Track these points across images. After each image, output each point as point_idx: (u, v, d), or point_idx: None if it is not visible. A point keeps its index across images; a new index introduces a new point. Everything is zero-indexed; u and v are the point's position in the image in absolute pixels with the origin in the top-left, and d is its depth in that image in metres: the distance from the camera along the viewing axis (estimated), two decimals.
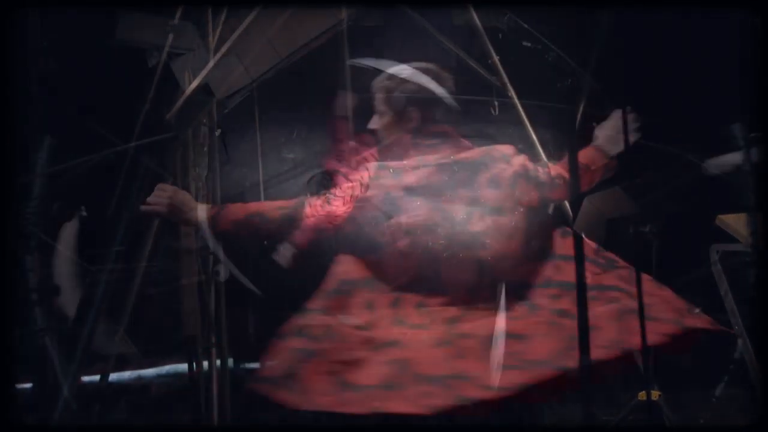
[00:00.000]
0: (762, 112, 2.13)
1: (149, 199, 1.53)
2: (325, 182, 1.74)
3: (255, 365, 1.98)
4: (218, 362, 2.40)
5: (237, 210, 1.49)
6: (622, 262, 1.52)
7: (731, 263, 2.41)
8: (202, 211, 1.48)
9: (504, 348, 1.10)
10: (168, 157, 2.64)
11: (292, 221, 1.44)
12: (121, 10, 2.22)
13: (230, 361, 2.47)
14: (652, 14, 2.31)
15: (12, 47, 1.91)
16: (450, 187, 1.45)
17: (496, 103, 2.65)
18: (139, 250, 2.54)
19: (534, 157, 2.65)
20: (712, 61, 2.26)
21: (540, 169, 1.56)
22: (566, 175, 1.40)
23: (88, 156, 2.04)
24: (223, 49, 2.62)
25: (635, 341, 1.14)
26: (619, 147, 1.63)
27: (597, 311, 1.16)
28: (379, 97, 1.72)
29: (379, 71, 1.81)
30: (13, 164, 2.01)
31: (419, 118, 1.54)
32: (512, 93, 2.67)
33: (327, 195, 1.51)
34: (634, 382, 2.21)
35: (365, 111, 2.50)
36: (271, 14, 2.74)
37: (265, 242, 2.05)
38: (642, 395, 2.12)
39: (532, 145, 2.72)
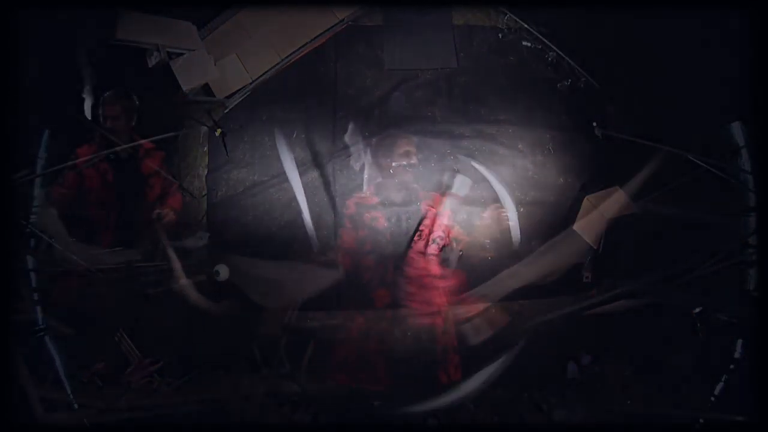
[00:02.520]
0: (762, 112, 2.14)
1: None
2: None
3: None
4: None
5: None
6: None
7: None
8: None
9: None
10: (168, 157, 2.65)
11: None
12: (121, 10, 2.22)
13: None
14: (652, 14, 2.30)
15: (12, 47, 1.91)
16: None
17: None
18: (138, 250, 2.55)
19: (534, 158, 2.71)
20: (711, 61, 2.26)
21: None
22: None
23: (88, 156, 2.04)
24: (223, 50, 2.66)
25: None
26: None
27: None
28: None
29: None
30: (13, 164, 2.01)
31: None
32: None
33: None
34: None
35: None
36: (271, 14, 2.77)
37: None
38: None
39: (531, 145, 2.75)
